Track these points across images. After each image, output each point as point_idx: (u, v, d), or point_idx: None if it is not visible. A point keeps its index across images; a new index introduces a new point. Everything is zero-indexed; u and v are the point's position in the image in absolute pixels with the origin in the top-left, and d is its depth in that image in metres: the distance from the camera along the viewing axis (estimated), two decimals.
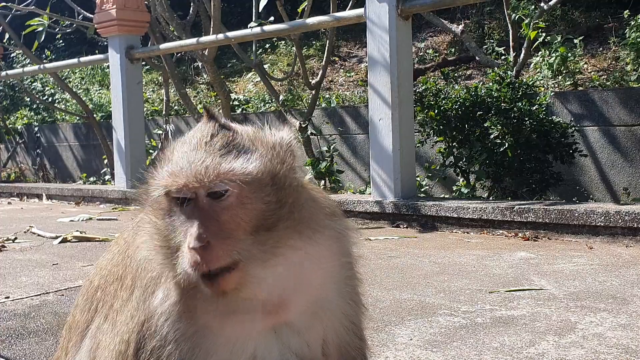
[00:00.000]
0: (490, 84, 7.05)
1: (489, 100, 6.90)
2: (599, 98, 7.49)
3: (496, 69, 7.45)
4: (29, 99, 16.10)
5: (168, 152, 1.46)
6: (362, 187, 8.97)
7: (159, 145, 10.90)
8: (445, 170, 7.41)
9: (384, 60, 6.47)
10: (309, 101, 9.73)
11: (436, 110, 7.10)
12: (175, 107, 13.27)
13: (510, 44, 8.40)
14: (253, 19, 8.62)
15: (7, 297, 3.83)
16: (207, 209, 1.36)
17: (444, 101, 7.09)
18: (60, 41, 17.96)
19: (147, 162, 9.46)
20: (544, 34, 9.07)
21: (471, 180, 7.33)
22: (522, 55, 8.00)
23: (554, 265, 4.34)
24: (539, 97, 6.94)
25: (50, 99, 15.93)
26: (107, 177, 11.81)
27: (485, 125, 6.78)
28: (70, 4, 11.66)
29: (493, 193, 7.20)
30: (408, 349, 2.73)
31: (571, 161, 7.00)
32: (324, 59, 9.08)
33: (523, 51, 8.01)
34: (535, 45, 8.48)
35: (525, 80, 7.33)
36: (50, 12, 11.32)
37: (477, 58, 9.41)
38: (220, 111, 10.85)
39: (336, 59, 13.45)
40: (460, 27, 9.64)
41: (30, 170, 14.86)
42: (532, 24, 7.91)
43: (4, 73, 12.87)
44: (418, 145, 7.55)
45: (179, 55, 12.74)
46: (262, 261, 1.38)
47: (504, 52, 9.96)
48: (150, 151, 10.57)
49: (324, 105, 10.31)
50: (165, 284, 1.46)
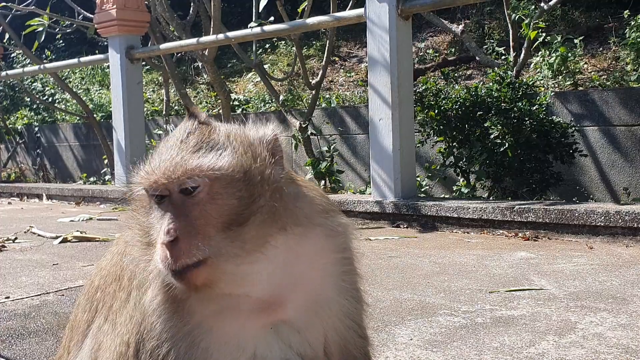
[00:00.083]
0: (491, 84, 7.05)
1: (489, 100, 6.91)
2: (599, 98, 7.49)
3: (496, 69, 7.45)
4: (29, 99, 16.11)
5: (153, 152, 1.50)
6: (363, 187, 8.97)
7: None
8: (445, 170, 7.41)
9: (384, 60, 6.47)
10: (309, 101, 9.73)
11: (436, 110, 7.10)
12: (176, 107, 13.27)
13: (511, 44, 8.41)
14: (253, 19, 8.62)
15: (8, 297, 3.83)
16: (180, 205, 1.39)
17: (444, 101, 7.09)
18: (61, 41, 17.97)
19: None
20: (544, 34, 9.07)
21: (471, 180, 7.33)
22: (522, 55, 8.00)
23: (554, 265, 4.34)
24: (539, 97, 6.94)
25: (50, 99, 15.94)
26: (108, 177, 11.81)
27: (486, 125, 6.78)
28: (70, 4, 11.67)
29: (493, 193, 7.20)
30: (408, 348, 2.73)
31: (571, 161, 7.01)
32: (324, 59, 9.08)
33: (523, 51, 8.01)
34: (535, 45, 8.48)
35: (525, 80, 7.33)
36: (50, 12, 11.33)
37: (477, 58, 9.42)
38: (220, 111, 10.86)
39: (336, 59, 13.45)
40: (461, 27, 9.65)
41: (30, 171, 14.86)
42: (532, 24, 7.90)
43: (4, 73, 12.88)
44: (418, 145, 7.56)
45: (179, 55, 12.75)
46: (234, 257, 1.37)
47: (504, 52, 9.96)
48: (151, 151, 10.56)
49: (324, 105, 10.31)
50: (153, 282, 1.47)
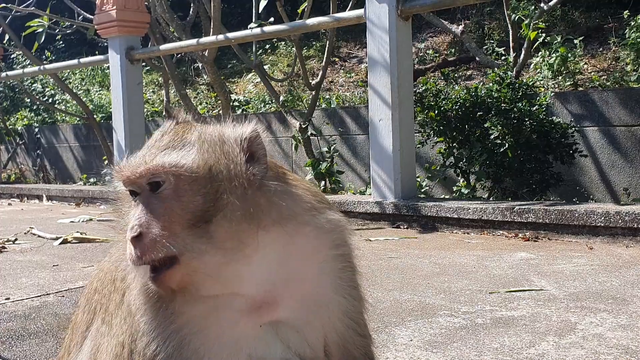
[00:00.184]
0: (491, 84, 7.05)
1: (489, 100, 6.91)
2: (599, 98, 7.49)
3: (496, 69, 7.45)
4: (29, 100, 16.12)
5: None
6: (363, 188, 8.97)
7: None
8: (445, 170, 7.41)
9: (384, 60, 6.47)
10: (309, 102, 9.73)
11: (436, 111, 7.10)
12: (176, 108, 13.26)
13: (510, 44, 8.40)
14: (253, 19, 8.63)
15: (8, 299, 3.83)
16: (149, 202, 1.41)
17: (444, 102, 7.09)
18: (61, 42, 17.98)
19: None
20: (544, 35, 9.06)
21: (471, 180, 7.33)
22: (522, 55, 8.00)
23: (554, 265, 4.34)
24: (539, 98, 6.94)
25: (50, 100, 15.94)
26: (108, 178, 11.80)
27: (486, 125, 6.78)
28: (70, 5, 11.67)
29: (493, 194, 7.20)
30: (408, 349, 2.73)
31: (571, 161, 7.01)
32: (324, 59, 9.08)
33: (523, 51, 8.01)
34: (535, 45, 8.48)
35: (525, 80, 7.33)
36: (50, 13, 11.33)
37: (477, 58, 9.42)
38: (220, 112, 10.86)
39: (336, 59, 13.44)
40: (460, 28, 9.65)
41: (30, 172, 14.86)
42: (532, 24, 7.90)
43: (4, 74, 12.88)
44: (418, 145, 7.56)
45: (179, 56, 12.75)
46: (203, 254, 1.37)
47: (504, 53, 9.96)
48: None
49: (324, 106, 10.31)
50: (134, 280, 1.48)
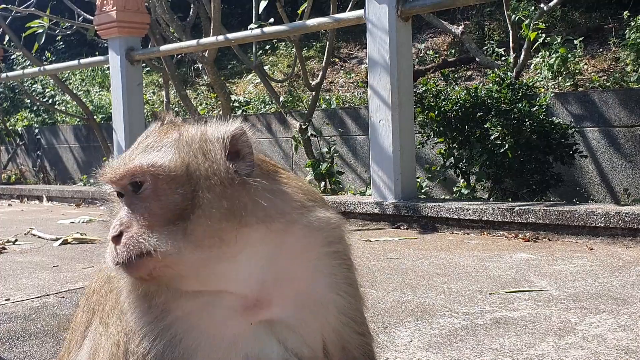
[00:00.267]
0: (491, 85, 7.05)
1: (489, 101, 6.90)
2: (599, 99, 7.49)
3: (496, 70, 7.45)
4: (29, 101, 16.11)
5: None
6: (363, 189, 8.97)
7: None
8: (445, 171, 7.41)
9: (384, 61, 6.47)
10: (309, 102, 9.73)
11: (436, 112, 7.10)
12: (176, 109, 13.28)
13: (510, 45, 8.40)
14: (253, 20, 8.63)
15: (8, 299, 3.83)
16: (131, 203, 1.44)
17: (444, 102, 7.09)
18: (61, 43, 17.97)
19: None
20: (544, 35, 9.06)
21: (471, 181, 7.33)
22: (522, 56, 8.00)
23: (554, 266, 4.34)
24: (539, 98, 6.94)
25: (50, 101, 15.94)
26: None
27: (486, 126, 6.78)
28: (70, 5, 11.67)
29: (493, 194, 7.20)
30: (408, 350, 2.73)
31: (571, 162, 7.00)
32: (324, 60, 9.08)
33: (523, 52, 8.01)
34: (535, 46, 8.48)
35: (525, 81, 7.33)
36: (50, 14, 11.33)
37: (477, 59, 9.42)
38: (220, 113, 10.86)
39: (336, 60, 13.45)
40: (460, 28, 9.65)
41: (30, 172, 14.86)
42: (532, 25, 7.90)
43: (4, 75, 12.88)
44: (418, 146, 7.55)
45: (179, 56, 12.74)
46: (179, 251, 1.38)
47: (504, 53, 9.96)
48: None
49: (324, 106, 10.31)
50: (123, 279, 1.50)
